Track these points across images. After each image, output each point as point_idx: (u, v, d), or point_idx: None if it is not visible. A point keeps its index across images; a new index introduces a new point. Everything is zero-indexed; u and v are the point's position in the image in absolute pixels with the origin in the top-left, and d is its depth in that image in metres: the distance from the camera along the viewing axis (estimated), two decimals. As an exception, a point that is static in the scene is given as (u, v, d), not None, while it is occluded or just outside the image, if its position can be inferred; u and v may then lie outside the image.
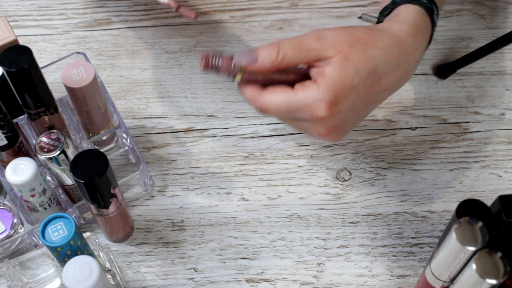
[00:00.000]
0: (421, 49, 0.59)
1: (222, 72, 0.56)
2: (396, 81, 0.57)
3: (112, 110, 0.66)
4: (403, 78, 0.58)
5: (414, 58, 0.58)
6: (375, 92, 0.57)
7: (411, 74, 0.59)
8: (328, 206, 0.67)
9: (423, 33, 0.59)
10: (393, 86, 0.58)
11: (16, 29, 0.76)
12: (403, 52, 0.57)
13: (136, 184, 0.67)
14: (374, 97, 0.57)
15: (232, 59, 0.55)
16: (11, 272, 0.60)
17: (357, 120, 0.59)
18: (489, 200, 0.51)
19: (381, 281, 0.63)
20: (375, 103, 0.58)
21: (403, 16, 0.59)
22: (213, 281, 0.63)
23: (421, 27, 0.59)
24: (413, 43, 0.58)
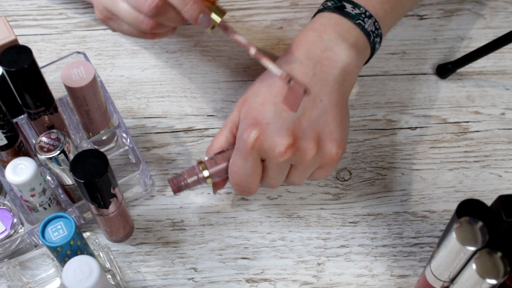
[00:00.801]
0: (326, 37, 0.60)
1: (192, 186, 0.61)
2: (310, 72, 0.59)
3: (112, 110, 0.66)
4: (320, 64, 0.59)
5: (316, 49, 0.60)
6: (294, 91, 0.58)
7: (331, 59, 0.60)
8: (328, 206, 0.67)
9: (322, 28, 0.61)
10: (316, 77, 0.59)
11: (16, 29, 0.76)
12: (297, 51, 0.60)
13: (136, 184, 0.67)
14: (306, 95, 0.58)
15: (194, 168, 0.60)
16: (11, 272, 0.60)
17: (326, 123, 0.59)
18: (489, 200, 0.51)
19: (381, 281, 0.63)
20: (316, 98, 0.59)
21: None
22: (213, 281, 0.63)
23: (316, 26, 0.62)
24: (308, 40, 0.60)
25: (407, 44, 0.75)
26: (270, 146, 0.57)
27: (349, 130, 0.62)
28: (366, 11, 0.62)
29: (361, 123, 0.71)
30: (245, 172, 0.59)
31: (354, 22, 0.61)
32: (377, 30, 0.62)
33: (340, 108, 0.60)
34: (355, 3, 0.62)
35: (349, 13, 0.61)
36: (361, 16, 0.62)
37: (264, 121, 0.57)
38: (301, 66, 0.59)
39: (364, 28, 0.61)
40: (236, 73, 0.74)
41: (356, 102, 0.72)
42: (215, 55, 0.75)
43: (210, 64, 0.75)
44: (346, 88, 0.61)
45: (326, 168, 0.60)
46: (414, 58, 0.75)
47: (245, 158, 0.58)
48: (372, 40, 0.62)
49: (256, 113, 0.58)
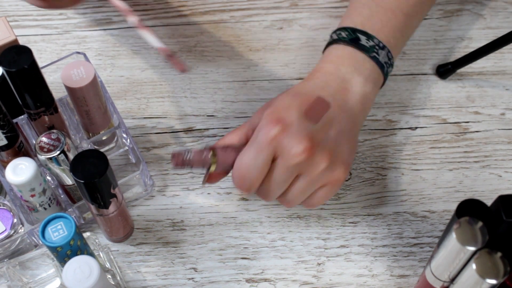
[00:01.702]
0: (344, 70, 0.61)
1: (195, 165, 0.58)
2: (330, 96, 0.60)
3: (112, 110, 0.66)
4: (339, 93, 0.60)
5: (336, 78, 0.61)
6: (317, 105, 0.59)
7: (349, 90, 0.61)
8: (328, 206, 0.67)
9: (339, 61, 0.62)
10: (336, 103, 0.59)
11: (16, 29, 0.76)
12: (317, 79, 0.61)
13: (136, 184, 0.67)
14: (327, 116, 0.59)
15: (203, 151, 0.58)
16: (11, 272, 0.60)
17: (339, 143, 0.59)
18: (489, 200, 0.51)
19: (381, 281, 0.63)
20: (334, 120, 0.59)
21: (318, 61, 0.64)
22: (213, 281, 0.63)
23: (333, 58, 0.62)
24: (327, 71, 0.61)
25: (407, 44, 0.75)
26: (288, 145, 0.57)
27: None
28: (380, 42, 0.62)
29: (361, 123, 0.71)
30: (254, 165, 0.58)
31: (369, 56, 0.61)
32: (390, 60, 0.63)
33: (352, 135, 0.61)
34: (369, 35, 0.62)
35: (363, 46, 0.61)
36: (375, 48, 0.62)
37: (288, 120, 0.57)
38: (323, 90, 0.60)
39: (378, 61, 0.62)
40: (236, 73, 0.74)
41: (356, 102, 0.72)
42: (215, 55, 0.75)
43: (210, 64, 0.75)
44: (360, 119, 0.62)
45: (329, 188, 0.60)
46: (414, 58, 0.75)
47: (260, 150, 0.57)
48: (385, 72, 0.63)
49: (280, 113, 0.58)
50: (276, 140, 0.57)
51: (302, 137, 0.57)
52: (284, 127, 0.57)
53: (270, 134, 0.57)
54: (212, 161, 0.58)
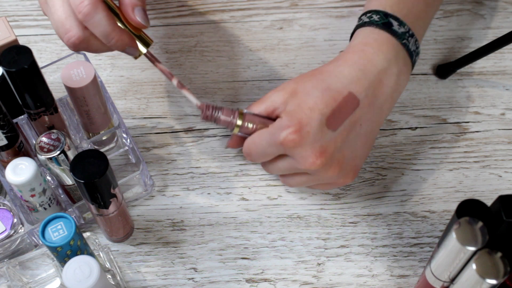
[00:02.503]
0: (382, 56, 0.59)
1: (220, 123, 0.61)
2: (363, 92, 0.58)
3: (112, 110, 0.66)
4: (373, 87, 0.59)
5: (374, 67, 0.59)
6: (344, 107, 0.58)
7: (383, 83, 0.59)
8: (328, 206, 0.67)
9: (377, 45, 0.60)
10: (367, 100, 0.59)
11: (16, 29, 0.76)
12: (354, 65, 0.59)
13: (136, 184, 0.67)
14: (352, 116, 0.58)
15: (233, 113, 0.61)
16: (11, 272, 0.60)
17: (354, 149, 0.60)
18: (489, 200, 0.51)
19: (381, 281, 0.63)
20: (357, 123, 0.59)
21: (351, 41, 0.62)
22: (213, 281, 0.63)
23: (371, 41, 0.60)
24: (366, 55, 0.59)
25: (407, 44, 0.75)
26: (299, 154, 0.58)
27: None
28: (409, 29, 0.60)
29: (361, 123, 0.71)
30: (263, 151, 0.60)
31: (401, 42, 0.60)
32: (417, 49, 0.62)
33: (371, 137, 0.61)
34: (400, 21, 0.60)
35: (396, 32, 0.60)
36: (406, 35, 0.60)
37: (307, 128, 0.57)
38: (356, 82, 0.59)
39: (409, 49, 0.60)
40: (236, 73, 0.74)
41: (356, 102, 0.72)
42: (215, 55, 0.75)
43: (210, 64, 0.75)
44: (384, 115, 0.61)
45: (331, 186, 0.62)
46: (414, 58, 0.75)
47: (272, 145, 0.59)
48: (414, 60, 0.62)
49: (302, 116, 0.58)
50: (289, 146, 0.58)
51: (316, 151, 0.57)
52: (301, 136, 0.57)
53: (285, 138, 0.57)
54: (237, 125, 0.61)
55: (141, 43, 0.58)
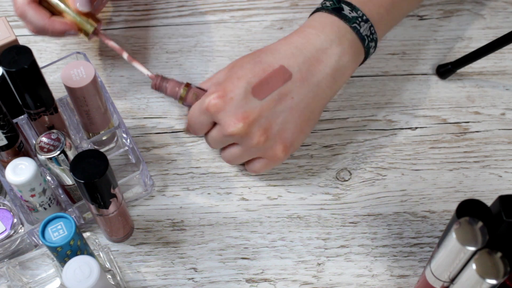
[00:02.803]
0: (323, 37, 0.62)
1: (167, 94, 0.66)
2: (296, 67, 0.61)
3: (112, 110, 0.66)
4: (308, 63, 0.61)
5: (311, 46, 0.62)
6: (273, 78, 0.61)
7: (321, 61, 0.61)
8: (328, 206, 0.67)
9: (320, 27, 0.62)
10: (300, 74, 0.61)
11: (16, 29, 0.76)
12: (292, 44, 0.62)
13: (136, 184, 0.67)
14: (283, 88, 0.61)
15: (179, 85, 0.66)
16: (11, 272, 0.60)
17: (283, 120, 0.61)
18: (489, 200, 0.51)
19: (381, 281, 0.63)
20: (288, 95, 0.61)
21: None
22: (213, 281, 0.63)
23: (315, 23, 0.63)
24: (306, 35, 0.62)
25: (407, 44, 0.75)
26: (222, 120, 0.61)
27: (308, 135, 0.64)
28: (363, 14, 0.62)
29: (361, 123, 0.71)
30: (197, 120, 0.63)
31: (350, 26, 0.62)
32: (372, 35, 0.63)
33: (306, 112, 0.62)
34: (353, 6, 0.62)
35: (346, 16, 0.62)
36: (358, 19, 0.62)
37: (230, 95, 0.60)
38: (290, 57, 0.61)
39: (359, 32, 0.62)
40: (236, 73, 0.74)
41: (356, 103, 0.72)
42: (215, 55, 0.75)
43: (210, 64, 0.75)
44: (326, 94, 0.62)
45: (266, 162, 0.64)
46: (414, 58, 0.75)
47: (201, 113, 0.62)
48: (366, 45, 0.63)
49: (228, 84, 0.61)
50: (213, 110, 0.61)
51: (237, 117, 0.60)
52: (223, 102, 0.61)
53: (210, 103, 0.61)
54: (181, 96, 0.65)
55: (89, 24, 0.65)
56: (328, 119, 0.71)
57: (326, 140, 0.70)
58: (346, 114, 0.71)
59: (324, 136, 0.70)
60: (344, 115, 0.71)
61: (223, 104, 0.60)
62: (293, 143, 0.63)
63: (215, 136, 0.63)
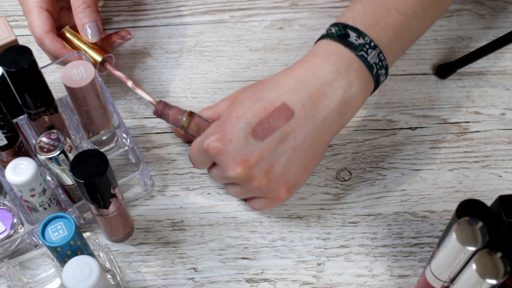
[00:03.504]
0: (329, 68, 0.58)
1: (169, 121, 0.65)
2: (300, 103, 0.58)
3: (112, 110, 0.66)
4: (313, 99, 0.58)
5: (316, 79, 0.58)
6: (275, 117, 0.58)
7: (327, 95, 0.58)
8: (328, 206, 0.67)
9: (325, 56, 0.59)
10: (303, 111, 0.58)
11: (16, 29, 0.76)
12: (295, 76, 0.59)
13: (136, 184, 0.67)
14: (285, 127, 0.58)
15: (182, 114, 0.64)
16: (11, 272, 0.60)
17: (286, 161, 0.59)
18: (489, 200, 0.51)
19: (381, 281, 0.63)
20: (290, 134, 0.58)
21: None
22: (213, 281, 0.63)
23: (320, 52, 0.60)
24: (311, 66, 0.59)
25: (407, 44, 0.75)
26: (221, 162, 0.59)
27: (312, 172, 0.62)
28: (371, 40, 0.59)
29: (361, 123, 0.71)
30: (197, 158, 0.62)
31: (356, 54, 0.58)
32: (381, 62, 0.59)
33: (311, 151, 0.59)
34: (360, 32, 0.59)
35: (352, 43, 0.58)
36: (365, 47, 0.58)
37: (229, 136, 0.58)
38: (293, 93, 0.58)
39: (366, 61, 0.58)
40: (236, 73, 0.74)
41: (356, 102, 0.72)
42: (215, 55, 0.75)
43: (210, 64, 0.75)
44: (332, 130, 0.60)
45: (268, 202, 0.62)
46: (414, 58, 0.75)
47: (201, 152, 0.61)
48: (375, 73, 0.59)
49: (228, 124, 0.59)
50: (212, 152, 0.59)
51: (237, 161, 0.58)
52: (222, 144, 0.58)
53: (209, 145, 0.59)
54: (182, 125, 0.64)
55: (97, 54, 0.68)
56: (328, 119, 0.71)
57: (326, 140, 0.70)
58: (346, 114, 0.71)
59: (324, 136, 0.70)
60: (344, 115, 0.71)
61: (222, 147, 0.58)
62: (296, 183, 0.60)
63: (216, 175, 0.62)
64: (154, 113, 0.65)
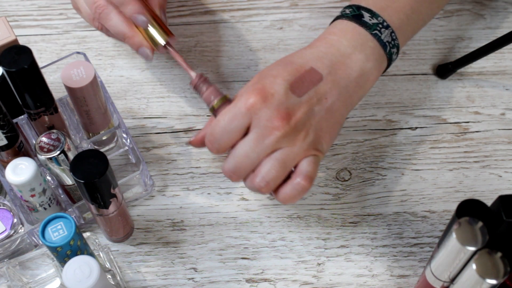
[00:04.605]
0: (346, 43, 0.60)
1: (202, 97, 0.59)
2: (326, 69, 0.59)
3: (112, 110, 0.66)
4: (336, 67, 0.59)
5: (336, 51, 0.60)
6: (307, 77, 0.58)
7: (347, 65, 0.60)
8: (328, 206, 0.67)
9: (341, 33, 0.61)
10: (330, 77, 0.59)
11: (16, 29, 0.76)
12: (316, 48, 0.60)
13: (136, 184, 0.67)
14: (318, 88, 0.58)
15: (216, 94, 0.59)
16: (11, 272, 0.60)
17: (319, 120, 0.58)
18: (489, 200, 0.51)
19: (381, 281, 0.63)
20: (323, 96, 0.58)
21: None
22: (213, 281, 0.63)
23: (336, 30, 0.61)
24: (328, 41, 0.61)
25: (407, 44, 0.75)
26: (265, 116, 0.56)
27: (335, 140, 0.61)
28: (384, 21, 0.61)
29: (361, 123, 0.71)
30: (227, 129, 0.57)
31: (371, 33, 0.61)
32: (393, 41, 0.61)
33: (337, 115, 0.59)
34: (373, 12, 0.61)
35: (366, 23, 0.61)
36: (378, 26, 0.61)
37: (271, 91, 0.56)
38: (318, 60, 0.59)
39: (380, 39, 0.61)
40: (236, 73, 0.74)
41: (356, 102, 0.72)
42: (215, 55, 0.75)
43: (210, 64, 0.75)
44: (352, 99, 0.61)
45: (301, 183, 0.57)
46: (414, 58, 0.75)
47: (235, 116, 0.56)
48: (388, 51, 0.61)
49: (266, 82, 0.57)
50: (253, 109, 0.56)
51: (281, 111, 0.56)
52: (265, 97, 0.56)
53: (248, 102, 0.56)
54: (213, 106, 0.59)
55: (161, 35, 0.62)
56: (328, 119, 0.71)
57: (326, 140, 0.70)
58: (346, 114, 0.71)
59: (324, 136, 0.70)
60: (344, 115, 0.71)
61: (265, 100, 0.56)
62: (323, 143, 0.59)
63: (251, 142, 0.56)
64: (191, 84, 0.60)
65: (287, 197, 0.57)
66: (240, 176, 0.58)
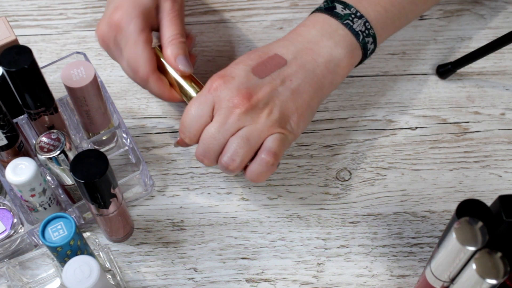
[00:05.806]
0: (314, 32, 0.63)
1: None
2: (290, 54, 0.62)
3: (112, 110, 0.66)
4: (302, 53, 0.62)
5: (303, 38, 0.63)
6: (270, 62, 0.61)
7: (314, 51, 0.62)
8: (328, 206, 0.67)
9: (311, 24, 0.64)
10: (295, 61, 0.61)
11: (16, 29, 0.76)
12: (284, 38, 0.63)
13: (136, 184, 0.67)
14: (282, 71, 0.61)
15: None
16: (11, 272, 0.60)
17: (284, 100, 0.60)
18: (489, 200, 0.51)
19: (381, 281, 0.63)
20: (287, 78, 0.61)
21: None
22: (213, 281, 0.63)
23: (307, 22, 0.64)
24: (297, 32, 0.63)
25: (407, 44, 0.75)
26: (226, 95, 0.59)
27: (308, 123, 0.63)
28: (357, 11, 0.63)
29: (361, 123, 0.71)
30: (194, 115, 0.60)
31: (342, 22, 0.63)
32: (367, 30, 0.63)
33: (306, 98, 0.61)
34: (346, 4, 0.63)
35: (338, 13, 0.63)
36: (351, 16, 0.63)
37: (232, 75, 0.60)
38: (283, 47, 0.62)
39: (352, 28, 0.63)
40: (236, 73, 0.74)
41: (356, 102, 0.72)
42: (215, 55, 0.75)
43: (210, 64, 0.75)
44: (323, 84, 0.62)
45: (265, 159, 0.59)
46: (414, 58, 0.75)
47: (199, 103, 0.60)
48: (361, 40, 0.63)
49: (228, 68, 0.61)
50: (215, 92, 0.59)
51: (242, 91, 0.59)
52: (225, 80, 0.60)
53: (211, 86, 0.60)
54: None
55: (192, 88, 0.64)
56: (328, 119, 0.71)
57: (326, 140, 0.70)
58: (346, 114, 0.71)
59: (324, 136, 0.70)
60: (344, 115, 0.71)
61: (225, 82, 0.59)
62: (289, 123, 0.60)
63: (218, 123, 0.58)
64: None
65: (254, 174, 0.60)
66: (211, 159, 0.60)
